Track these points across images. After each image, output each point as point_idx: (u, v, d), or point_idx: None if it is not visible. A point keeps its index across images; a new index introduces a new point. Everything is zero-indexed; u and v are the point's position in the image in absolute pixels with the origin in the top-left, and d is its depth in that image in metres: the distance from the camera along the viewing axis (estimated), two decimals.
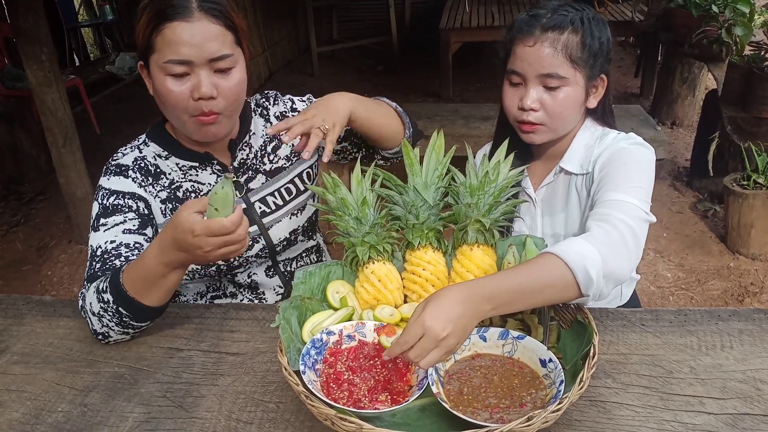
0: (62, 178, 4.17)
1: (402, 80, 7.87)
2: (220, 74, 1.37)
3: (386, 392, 1.06)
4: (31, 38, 3.74)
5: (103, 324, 1.34)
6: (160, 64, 1.34)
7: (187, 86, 1.35)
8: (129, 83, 8.48)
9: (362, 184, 1.30)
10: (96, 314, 1.33)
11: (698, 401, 1.13)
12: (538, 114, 1.43)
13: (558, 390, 1.01)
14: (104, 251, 1.41)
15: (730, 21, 4.22)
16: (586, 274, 1.10)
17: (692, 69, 5.47)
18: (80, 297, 1.39)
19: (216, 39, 1.34)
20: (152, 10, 1.34)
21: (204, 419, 1.16)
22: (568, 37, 1.38)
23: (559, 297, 1.14)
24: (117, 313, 1.31)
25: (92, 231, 1.46)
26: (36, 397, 1.25)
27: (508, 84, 1.48)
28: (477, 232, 1.29)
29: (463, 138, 3.65)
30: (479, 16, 6.93)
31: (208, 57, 1.34)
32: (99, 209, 1.47)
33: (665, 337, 1.31)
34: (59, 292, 3.89)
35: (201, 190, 1.55)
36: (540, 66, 1.39)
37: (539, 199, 1.58)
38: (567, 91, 1.41)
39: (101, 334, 1.36)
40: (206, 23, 1.33)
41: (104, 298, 1.31)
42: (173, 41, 1.32)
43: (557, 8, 1.42)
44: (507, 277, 1.13)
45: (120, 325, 1.34)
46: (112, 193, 1.48)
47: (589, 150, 1.49)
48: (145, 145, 1.56)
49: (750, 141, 3.77)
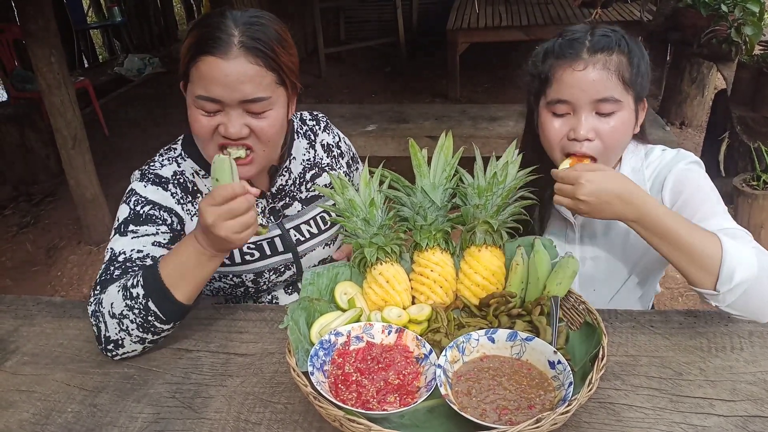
0: (72, 180, 4.19)
1: (409, 81, 7.87)
2: (254, 115, 1.31)
3: (395, 393, 1.06)
4: (41, 40, 3.76)
5: (122, 327, 1.27)
6: (193, 96, 1.29)
7: (216, 120, 1.30)
8: (138, 85, 8.53)
9: (370, 186, 1.30)
10: (116, 315, 1.27)
11: (708, 403, 1.12)
12: (593, 144, 1.33)
13: (567, 392, 1.01)
14: (128, 258, 1.36)
15: (739, 20, 4.20)
16: (731, 274, 1.18)
17: (701, 69, 5.44)
18: (93, 301, 1.32)
19: (251, 81, 1.26)
20: (195, 35, 1.28)
21: (213, 420, 1.16)
22: (617, 57, 1.30)
23: (691, 269, 1.23)
24: (144, 309, 1.25)
25: (117, 234, 1.40)
26: (46, 398, 1.25)
27: (551, 115, 1.36)
28: (485, 234, 1.29)
29: (471, 139, 3.66)
30: (487, 17, 6.93)
31: (239, 99, 1.27)
32: (130, 215, 1.41)
33: (675, 338, 1.30)
34: (69, 293, 3.91)
35: None
36: (594, 91, 1.30)
37: (578, 224, 1.53)
38: (621, 117, 1.32)
39: (114, 342, 1.29)
40: (243, 62, 1.25)
41: (133, 293, 1.26)
42: (206, 77, 1.26)
43: (592, 30, 1.34)
44: (669, 215, 1.23)
45: (141, 328, 1.27)
46: (148, 203, 1.42)
47: (638, 173, 1.44)
48: (182, 159, 1.50)
49: (760, 141, 3.75)
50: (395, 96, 7.28)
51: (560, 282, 1.26)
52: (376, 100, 7.23)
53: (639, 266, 1.52)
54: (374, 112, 4.54)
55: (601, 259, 1.54)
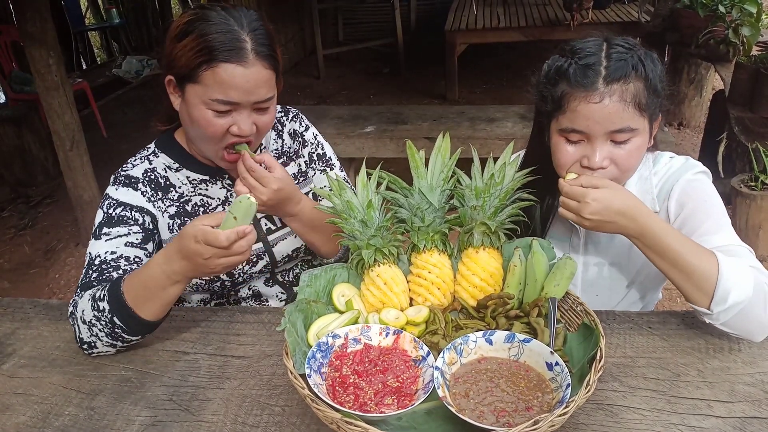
0: (69, 181, 4.19)
1: (407, 82, 7.87)
2: (259, 112, 1.39)
3: (392, 396, 1.06)
4: (39, 42, 3.76)
5: (92, 333, 1.31)
6: (205, 99, 1.32)
7: (227, 121, 1.35)
8: (136, 86, 8.52)
9: (368, 187, 1.30)
10: (87, 322, 1.31)
11: (706, 404, 1.12)
12: (608, 171, 1.30)
13: (565, 393, 1.00)
14: (103, 261, 1.40)
15: (737, 21, 4.20)
16: (726, 295, 1.20)
17: (699, 69, 5.45)
18: (71, 304, 1.37)
19: (265, 84, 1.35)
20: (203, 41, 1.29)
21: (210, 423, 1.16)
22: (634, 85, 1.25)
23: (687, 287, 1.24)
24: (110, 323, 1.29)
25: (93, 239, 1.44)
26: (43, 401, 1.25)
27: (564, 141, 1.32)
28: (483, 235, 1.29)
29: (469, 140, 3.65)
30: (485, 18, 6.93)
31: (255, 101, 1.35)
32: (103, 218, 1.46)
33: (673, 339, 1.30)
34: (66, 295, 3.90)
35: (210, 205, 1.54)
36: (610, 123, 1.25)
37: (583, 230, 1.52)
38: (636, 142, 1.29)
39: (87, 343, 1.34)
40: (260, 69, 1.32)
41: (100, 306, 1.29)
42: (225, 83, 1.30)
43: (607, 51, 1.28)
44: (670, 233, 1.24)
45: (110, 336, 1.31)
46: (119, 204, 1.46)
47: (646, 182, 1.43)
48: (155, 155, 1.54)
49: (758, 141, 3.75)
50: (393, 97, 7.28)
51: (558, 283, 1.26)
52: (374, 101, 7.24)
53: (642, 274, 1.52)
54: (372, 114, 4.53)
55: (605, 265, 1.53)
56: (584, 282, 1.55)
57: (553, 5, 7.32)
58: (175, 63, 1.34)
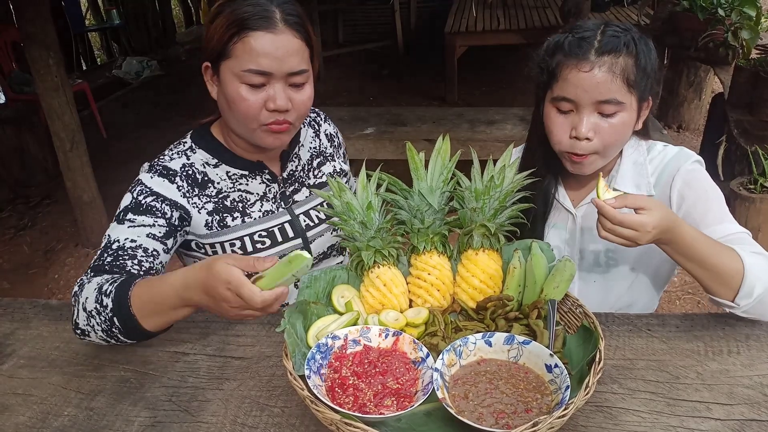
0: (69, 182, 4.19)
1: (407, 84, 7.88)
2: (294, 88, 1.37)
3: (392, 397, 1.06)
4: (39, 43, 3.76)
5: (89, 323, 1.28)
6: (237, 71, 1.32)
7: (262, 96, 1.34)
8: (136, 88, 8.53)
9: (367, 189, 1.30)
10: (86, 311, 1.27)
11: (705, 407, 1.12)
12: (593, 143, 1.36)
13: (564, 395, 1.01)
14: (120, 247, 1.36)
15: (736, 24, 4.21)
16: (752, 289, 1.26)
17: (698, 72, 5.46)
18: (77, 283, 1.32)
19: (296, 54, 1.34)
20: (232, 15, 1.31)
21: (209, 423, 1.16)
22: (624, 60, 1.32)
23: (713, 285, 1.30)
24: (109, 321, 1.25)
25: (116, 221, 1.41)
26: (42, 401, 1.25)
27: (555, 111, 1.40)
28: (482, 237, 1.29)
29: (469, 142, 3.66)
30: (485, 20, 6.94)
31: (287, 71, 1.33)
32: (131, 203, 1.42)
33: (672, 342, 1.31)
34: (66, 295, 3.90)
35: (249, 200, 1.53)
36: (597, 92, 1.32)
37: (580, 216, 1.55)
38: (622, 117, 1.35)
39: (81, 330, 1.30)
40: (290, 36, 1.33)
41: (103, 301, 1.25)
42: (255, 51, 1.30)
43: (603, 29, 1.36)
44: (698, 239, 1.27)
45: (105, 333, 1.28)
46: (151, 193, 1.43)
47: (641, 167, 1.48)
48: (192, 151, 1.51)
49: (757, 144, 3.76)
50: (393, 99, 7.29)
51: (557, 285, 1.26)
52: (373, 103, 7.24)
53: (641, 263, 1.55)
54: (372, 115, 4.54)
55: (602, 252, 1.55)
56: (581, 268, 1.57)
57: (553, 8, 7.34)
58: (209, 45, 1.36)
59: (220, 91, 1.40)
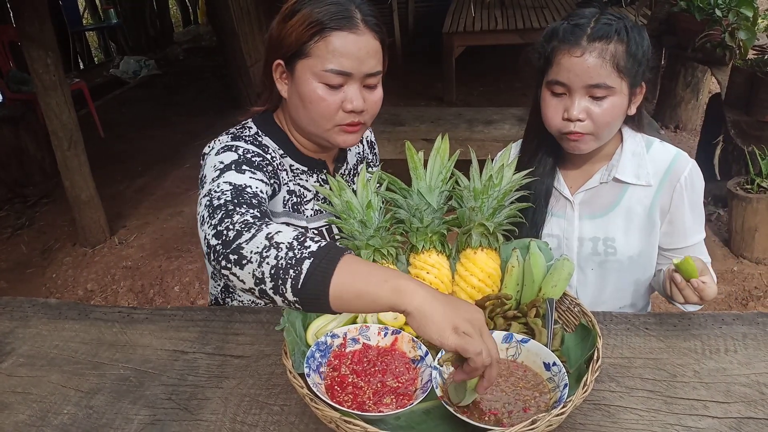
0: (67, 181, 4.19)
1: (405, 84, 7.87)
2: (367, 89, 1.37)
3: (391, 395, 1.07)
4: (37, 42, 3.76)
5: (262, 256, 0.97)
6: (317, 71, 1.30)
7: (340, 96, 1.33)
8: (133, 87, 8.52)
9: (367, 188, 1.31)
10: (271, 241, 0.98)
11: (702, 405, 1.13)
12: (584, 124, 1.41)
13: (562, 393, 1.01)
14: (257, 194, 1.19)
15: (733, 25, 4.22)
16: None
17: (695, 73, 5.47)
18: (247, 215, 1.06)
19: (375, 55, 1.34)
20: (312, 14, 1.30)
21: (209, 422, 1.16)
22: (614, 46, 1.37)
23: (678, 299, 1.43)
24: (295, 262, 0.94)
25: (232, 171, 1.23)
26: (42, 399, 1.25)
27: (549, 94, 1.45)
28: (481, 236, 1.30)
29: (467, 142, 3.65)
30: (482, 20, 6.94)
31: (366, 72, 1.33)
32: (240, 158, 1.29)
33: (669, 340, 1.31)
34: (63, 295, 3.90)
35: (305, 196, 1.49)
36: (587, 77, 1.37)
37: (577, 203, 1.58)
38: (613, 101, 1.40)
39: (239, 254, 0.98)
40: (370, 38, 1.33)
41: (306, 242, 0.97)
42: (338, 51, 1.29)
43: (598, 17, 1.41)
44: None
45: (272, 271, 0.95)
46: (257, 155, 1.34)
47: (639, 158, 1.53)
48: (259, 136, 1.45)
49: (754, 145, 3.77)
50: (391, 99, 7.24)
51: (555, 284, 1.27)
52: None
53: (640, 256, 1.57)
54: None
55: (600, 240, 1.57)
56: (580, 257, 1.59)
57: (551, 8, 7.34)
58: (283, 43, 1.33)
59: (292, 89, 1.37)
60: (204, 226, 1.08)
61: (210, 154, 1.34)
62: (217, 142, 1.39)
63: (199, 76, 8.72)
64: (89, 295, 3.89)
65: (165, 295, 3.84)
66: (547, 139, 1.53)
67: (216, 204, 1.11)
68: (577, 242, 1.57)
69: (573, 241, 1.57)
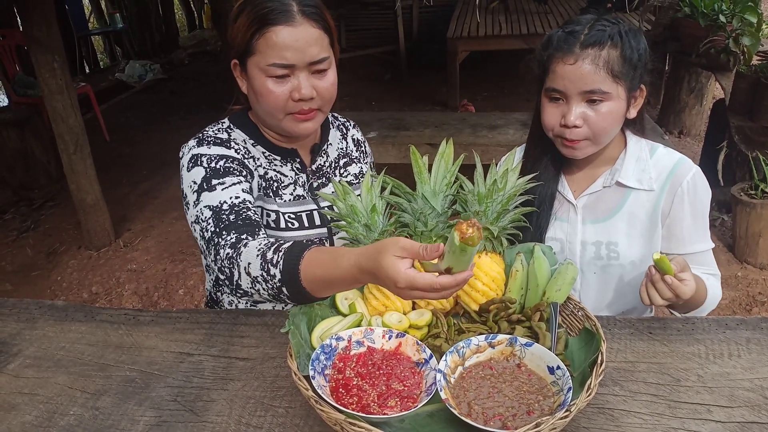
0: (73, 185, 4.21)
1: (409, 89, 7.90)
2: (317, 75, 1.42)
3: (395, 398, 1.07)
4: (43, 46, 3.78)
5: (254, 287, 1.21)
6: (262, 66, 1.38)
7: (287, 87, 1.40)
8: (139, 91, 8.56)
9: (372, 192, 1.31)
10: (251, 276, 1.20)
11: (706, 409, 1.13)
12: (581, 130, 1.44)
13: (566, 397, 1.01)
14: (233, 205, 1.34)
15: (737, 31, 4.22)
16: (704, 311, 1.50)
17: (699, 78, 5.47)
18: (225, 245, 1.26)
19: (316, 43, 1.39)
20: (252, 13, 1.37)
21: (214, 423, 1.17)
22: (608, 52, 1.38)
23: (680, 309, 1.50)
24: (277, 289, 1.17)
25: (206, 192, 1.37)
26: (48, 401, 1.26)
27: (547, 100, 1.48)
28: (485, 240, 1.30)
29: (471, 146, 3.66)
30: (487, 26, 6.95)
31: (309, 61, 1.38)
32: (207, 173, 1.40)
33: (673, 345, 1.31)
34: (69, 297, 3.91)
35: (282, 182, 1.57)
36: (582, 83, 1.39)
37: (580, 206, 1.59)
38: (609, 105, 1.41)
39: (244, 290, 1.23)
40: (308, 27, 1.37)
41: (270, 271, 1.16)
42: (277, 45, 1.35)
43: (593, 23, 1.42)
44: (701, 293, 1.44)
45: (272, 297, 1.21)
46: (221, 158, 1.44)
47: (643, 164, 1.54)
48: (231, 129, 1.55)
49: (758, 150, 3.76)
50: (395, 103, 7.31)
51: (559, 288, 1.28)
52: (375, 107, 7.26)
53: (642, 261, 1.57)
54: (374, 119, 4.55)
55: (603, 244, 1.57)
56: (582, 261, 1.59)
57: (554, 14, 7.36)
58: (234, 43, 1.42)
59: (249, 85, 1.46)
60: (209, 260, 1.32)
61: (183, 166, 1.46)
62: (185, 148, 1.50)
63: (204, 80, 8.77)
64: (94, 298, 3.90)
65: (169, 298, 3.85)
66: (550, 144, 1.54)
67: (207, 237, 1.32)
68: (580, 246, 1.58)
69: (576, 245, 1.58)
